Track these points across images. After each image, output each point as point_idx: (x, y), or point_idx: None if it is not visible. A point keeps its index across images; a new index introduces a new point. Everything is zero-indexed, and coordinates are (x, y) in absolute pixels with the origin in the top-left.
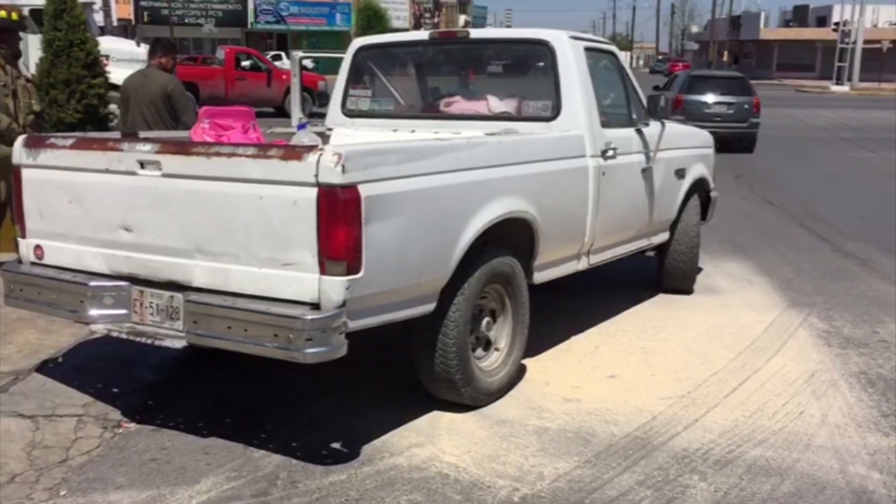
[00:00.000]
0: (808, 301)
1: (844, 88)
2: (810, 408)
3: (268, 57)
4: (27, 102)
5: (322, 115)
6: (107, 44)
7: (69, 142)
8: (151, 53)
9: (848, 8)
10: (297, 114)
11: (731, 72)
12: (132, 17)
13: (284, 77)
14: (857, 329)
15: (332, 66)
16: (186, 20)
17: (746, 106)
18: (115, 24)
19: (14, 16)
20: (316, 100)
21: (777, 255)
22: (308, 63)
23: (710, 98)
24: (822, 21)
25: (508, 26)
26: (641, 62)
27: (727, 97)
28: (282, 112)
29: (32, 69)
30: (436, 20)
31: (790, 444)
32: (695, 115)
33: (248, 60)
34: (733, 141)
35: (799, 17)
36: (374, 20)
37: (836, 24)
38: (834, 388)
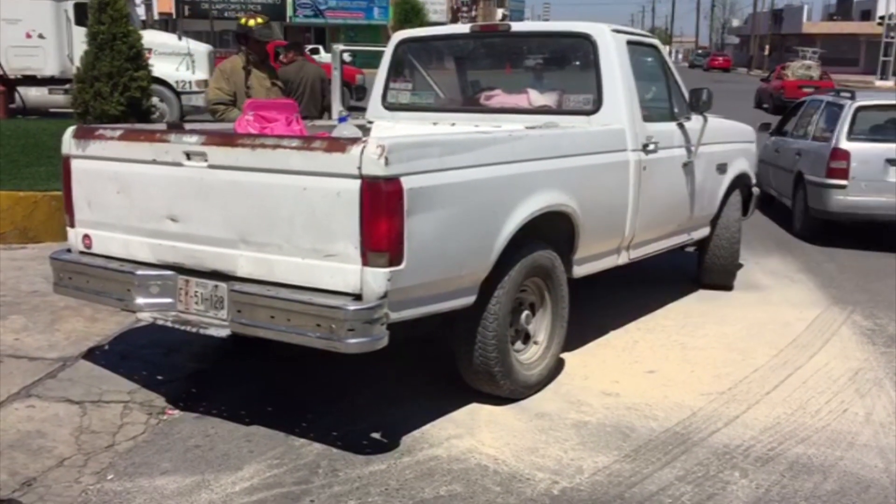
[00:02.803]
0: (852, 299)
1: (889, 83)
2: (854, 406)
3: (306, 50)
4: None
5: (360, 109)
6: (149, 37)
7: (117, 133)
8: (297, 51)
9: (893, 1)
10: (337, 107)
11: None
12: (173, 11)
13: None
14: None
15: (370, 60)
16: (226, 14)
17: None
18: (156, 17)
19: (251, 22)
20: (354, 93)
21: (819, 252)
22: (346, 57)
23: None
24: (867, 14)
25: (546, 19)
26: (681, 56)
27: None
28: None
29: (77, 62)
30: (473, 14)
31: (833, 443)
32: None
33: None
34: None
35: (843, 10)
36: (411, 14)
37: (882, 17)
38: (878, 386)
